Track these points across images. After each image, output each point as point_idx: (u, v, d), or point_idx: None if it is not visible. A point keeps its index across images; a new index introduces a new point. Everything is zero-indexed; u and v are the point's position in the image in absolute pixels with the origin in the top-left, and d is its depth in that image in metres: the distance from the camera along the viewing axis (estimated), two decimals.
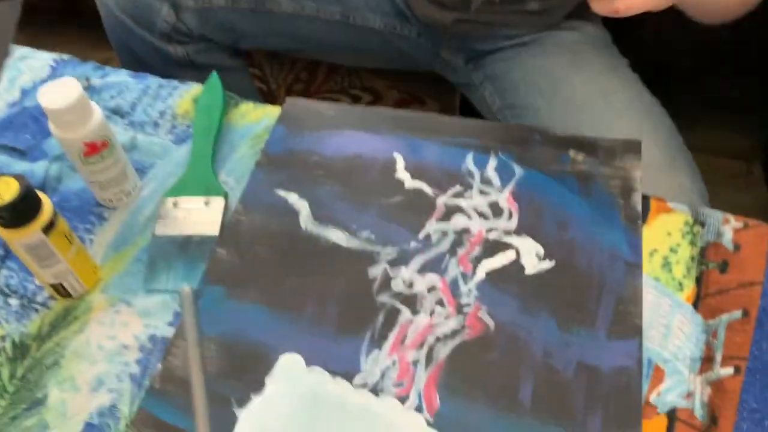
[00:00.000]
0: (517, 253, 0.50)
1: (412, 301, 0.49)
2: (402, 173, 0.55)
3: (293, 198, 0.54)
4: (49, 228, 0.45)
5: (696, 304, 0.48)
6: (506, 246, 0.51)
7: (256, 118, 0.60)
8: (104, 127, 0.50)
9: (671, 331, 0.46)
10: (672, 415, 0.43)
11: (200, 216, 0.53)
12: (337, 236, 0.52)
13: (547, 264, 0.50)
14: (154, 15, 0.76)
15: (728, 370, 0.45)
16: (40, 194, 0.45)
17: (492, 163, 0.55)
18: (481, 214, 0.53)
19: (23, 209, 0.43)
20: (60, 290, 0.49)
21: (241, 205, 0.54)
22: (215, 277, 0.50)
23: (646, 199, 0.53)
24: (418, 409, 0.44)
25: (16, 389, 0.46)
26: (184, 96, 0.62)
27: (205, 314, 0.48)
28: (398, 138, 0.57)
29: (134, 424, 0.43)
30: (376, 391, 0.45)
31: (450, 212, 0.53)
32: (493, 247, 0.51)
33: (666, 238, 0.51)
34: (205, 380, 0.22)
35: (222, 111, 0.58)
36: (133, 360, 0.47)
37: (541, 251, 0.50)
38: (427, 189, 0.54)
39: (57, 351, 0.47)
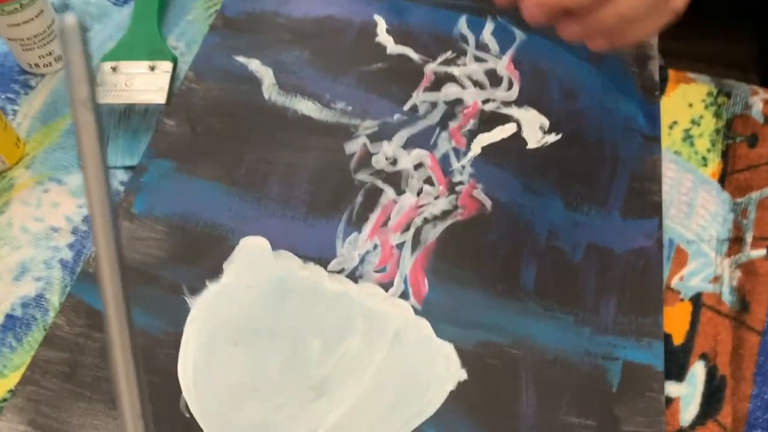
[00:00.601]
0: (518, 125, 0.43)
1: (396, 180, 0.42)
2: (383, 37, 0.47)
3: (255, 65, 0.46)
4: None
5: (722, 181, 0.41)
6: (505, 118, 0.44)
7: None
8: None
9: (694, 210, 0.40)
10: (697, 300, 0.37)
11: (144, 82, 0.45)
12: (307, 107, 0.44)
13: (553, 137, 0.43)
14: None
15: (760, 252, 0.39)
16: None
17: (489, 26, 0.48)
18: (477, 83, 0.45)
19: None
20: None
21: (192, 71, 0.45)
22: (162, 149, 0.42)
23: (663, 68, 0.46)
24: (404, 295, 0.37)
25: None
26: None
27: (150, 191, 0.40)
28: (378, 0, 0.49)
29: (62, 312, 0.36)
30: (354, 277, 0.38)
31: (440, 81, 0.45)
32: (490, 120, 0.44)
33: (687, 110, 0.44)
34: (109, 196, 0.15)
35: None
36: (65, 245, 0.39)
37: (546, 123, 0.43)
38: (414, 55, 0.46)
39: None
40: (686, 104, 0.45)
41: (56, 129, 0.44)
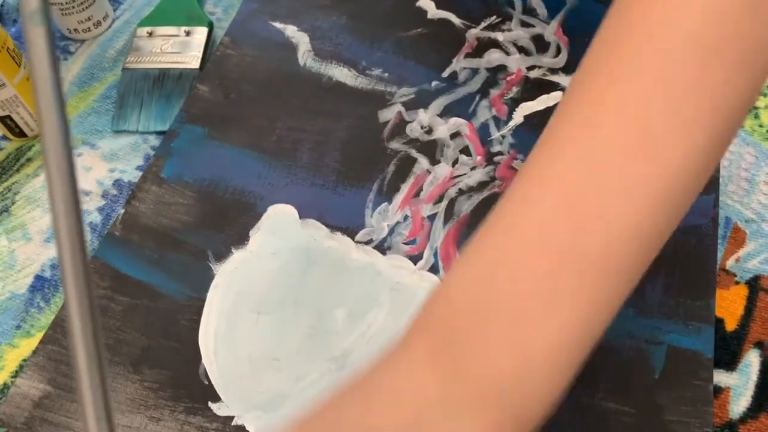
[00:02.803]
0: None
1: (430, 149, 0.40)
2: (425, 1, 0.45)
3: (291, 30, 0.45)
4: None
5: None
6: (552, 86, 0.41)
7: None
8: None
9: (755, 186, 0.37)
10: (754, 284, 0.34)
11: (179, 47, 0.44)
12: (342, 74, 0.43)
13: None
14: None
15: None
16: None
17: None
18: (522, 49, 0.43)
19: None
20: (11, 126, 0.41)
21: (228, 37, 0.45)
22: (194, 115, 0.41)
23: None
24: (434, 269, 0.36)
25: None
26: None
27: (180, 156, 0.40)
28: None
29: None
30: (382, 249, 0.36)
31: (483, 47, 0.43)
32: (534, 87, 0.41)
33: None
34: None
35: None
36: (95, 208, 0.39)
37: None
38: (456, 20, 0.44)
39: (7, 197, 0.40)
40: None
41: (92, 94, 0.44)
